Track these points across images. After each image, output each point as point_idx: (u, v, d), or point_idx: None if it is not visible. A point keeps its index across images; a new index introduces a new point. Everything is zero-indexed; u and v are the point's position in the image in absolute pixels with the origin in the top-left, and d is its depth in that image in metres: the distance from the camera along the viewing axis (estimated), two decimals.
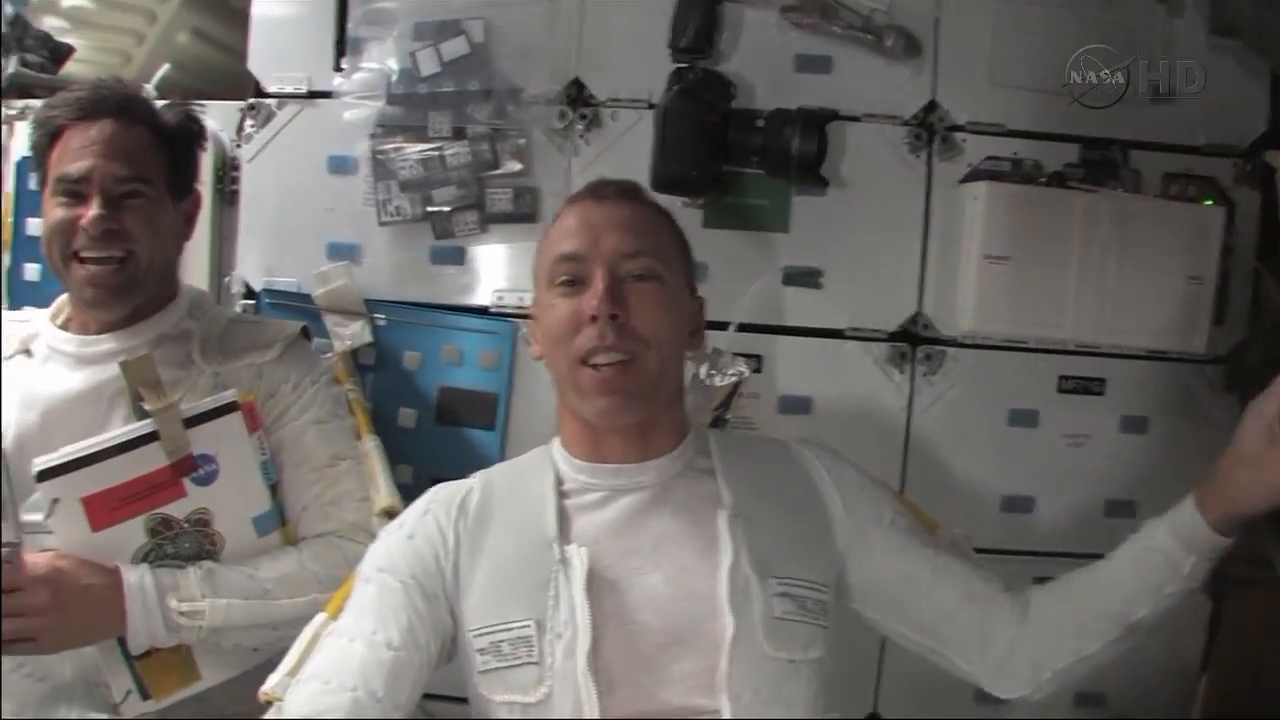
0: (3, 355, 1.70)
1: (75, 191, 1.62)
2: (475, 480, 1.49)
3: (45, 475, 1.45)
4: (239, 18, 2.14)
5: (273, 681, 1.34)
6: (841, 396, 1.97)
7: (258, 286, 2.08)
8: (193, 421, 1.53)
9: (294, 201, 2.07)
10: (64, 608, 1.44)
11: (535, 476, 1.46)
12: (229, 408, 1.56)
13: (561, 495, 1.43)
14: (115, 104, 1.67)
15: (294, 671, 1.34)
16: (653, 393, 1.39)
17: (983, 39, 1.96)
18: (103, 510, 1.48)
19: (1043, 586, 1.46)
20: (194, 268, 2.07)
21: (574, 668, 1.29)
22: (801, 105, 1.88)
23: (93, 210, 1.60)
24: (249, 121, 2.08)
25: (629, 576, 1.36)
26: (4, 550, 1.43)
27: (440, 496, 1.47)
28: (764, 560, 1.35)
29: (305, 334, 1.82)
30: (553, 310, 1.40)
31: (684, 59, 1.89)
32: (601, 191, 1.48)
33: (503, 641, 1.35)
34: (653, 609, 1.34)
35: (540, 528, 1.39)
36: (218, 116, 2.10)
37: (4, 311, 2.00)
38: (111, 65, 2.30)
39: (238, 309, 2.05)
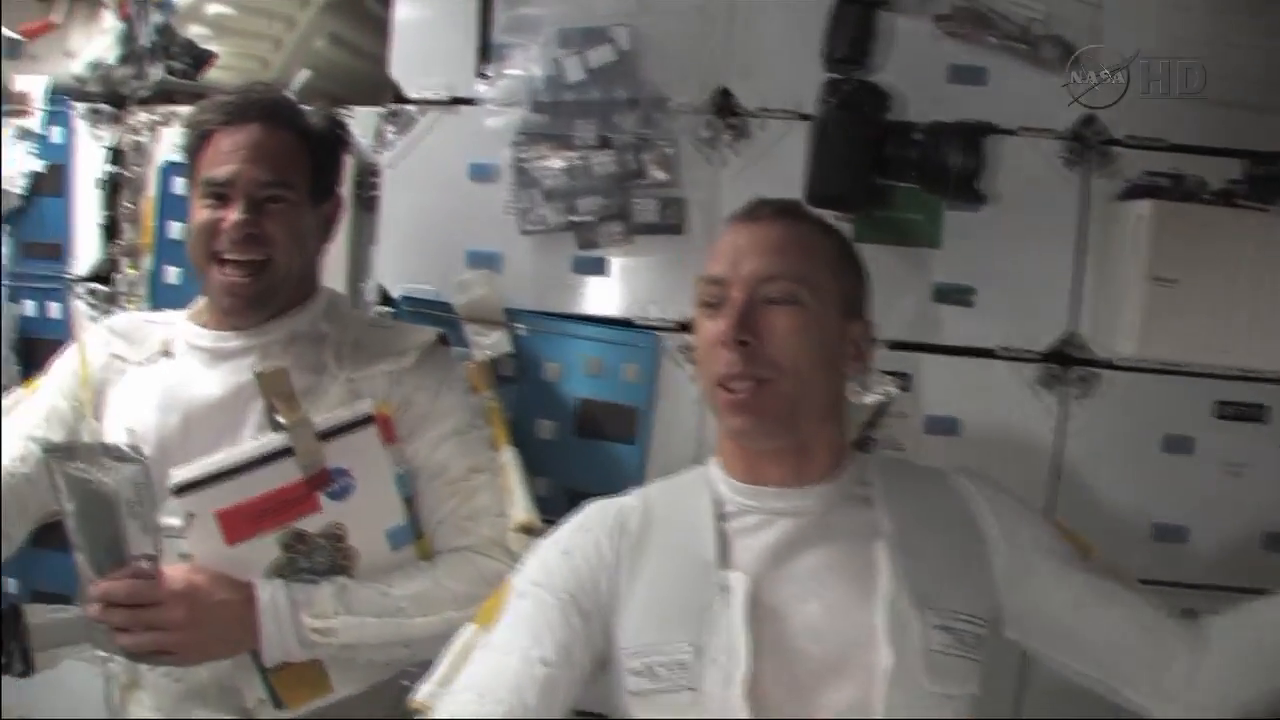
0: (144, 358, 1.73)
1: (220, 194, 1.64)
2: (634, 498, 1.49)
3: (182, 490, 1.47)
4: (376, 23, 2.16)
5: (424, 692, 1.34)
6: (990, 418, 1.93)
7: (395, 294, 2.08)
8: (328, 435, 1.53)
9: (434, 209, 2.07)
10: (200, 623, 1.45)
11: (694, 497, 1.45)
12: (365, 420, 1.56)
13: (720, 518, 1.42)
14: (262, 108, 1.68)
15: (445, 682, 1.35)
16: (789, 418, 1.38)
17: (1144, 48, 1.88)
18: (237, 525, 1.49)
19: (1222, 615, 1.42)
20: (332, 274, 2.07)
21: (731, 695, 1.29)
22: (959, 119, 1.85)
23: (235, 214, 1.62)
24: (389, 128, 2.08)
25: (788, 604, 1.35)
26: (144, 564, 1.45)
27: (599, 514, 1.47)
28: (923, 592, 1.34)
29: (442, 341, 1.80)
30: (699, 332, 1.42)
31: (839, 70, 1.85)
32: (755, 212, 1.47)
33: (658, 664, 1.34)
34: (810, 637, 1.33)
35: (700, 551, 1.39)
36: (358, 122, 2.10)
37: (145, 313, 2.03)
38: (250, 71, 2.33)
39: (374, 315, 2.05)
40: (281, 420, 1.52)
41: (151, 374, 1.71)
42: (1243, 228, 1.79)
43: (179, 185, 2.15)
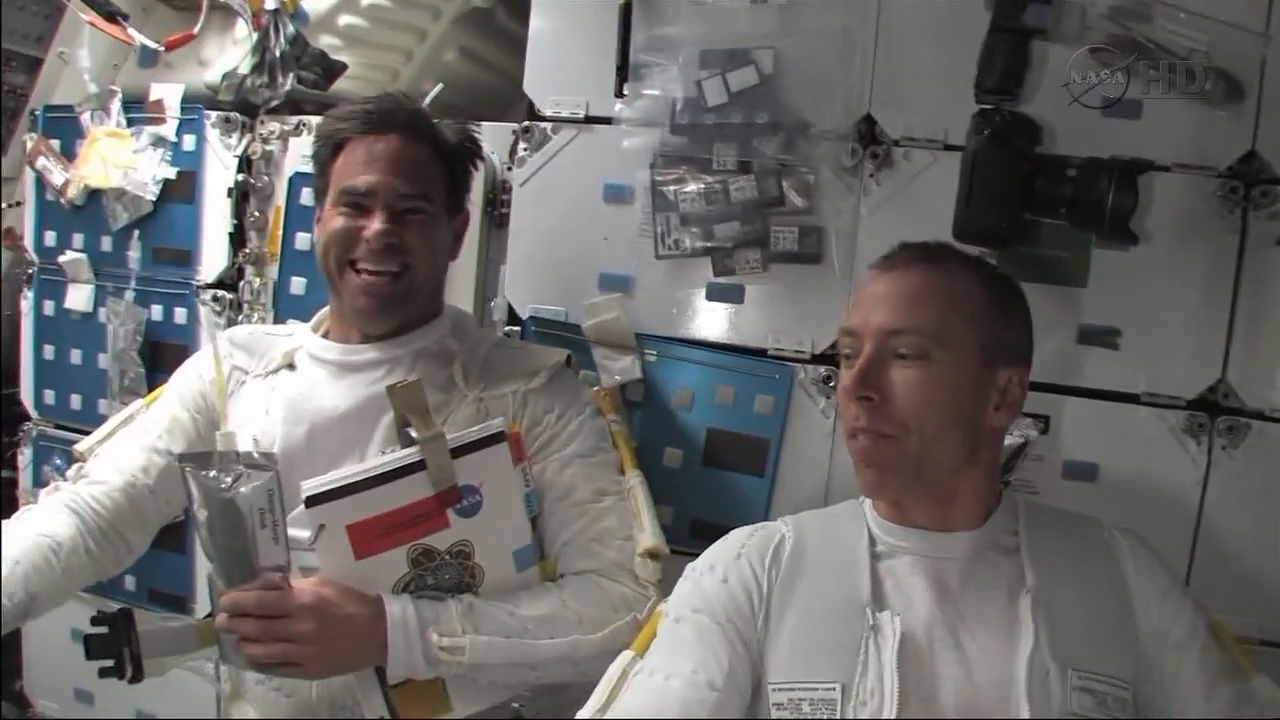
0: (264, 369, 1.75)
1: (359, 204, 1.65)
2: (785, 526, 1.50)
3: (313, 501, 1.47)
4: (508, 37, 2.18)
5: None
6: (1131, 466, 1.86)
7: (524, 313, 2.08)
8: (459, 451, 1.53)
9: (566, 228, 2.07)
10: (329, 637, 1.46)
11: (849, 532, 1.48)
12: (496, 438, 1.56)
13: (875, 557, 1.43)
14: (402, 120, 1.70)
15: (604, 709, 1.38)
16: (914, 474, 1.39)
17: None
18: (367, 538, 1.50)
19: None
20: (460, 290, 2.09)
21: None
22: (1114, 154, 1.77)
23: (377, 224, 1.64)
24: (522, 144, 2.08)
25: (933, 650, 1.36)
26: (274, 575, 1.46)
27: (753, 541, 1.49)
28: (1066, 650, 1.33)
29: (569, 363, 1.81)
30: (840, 380, 1.45)
31: (990, 100, 1.79)
32: (892, 260, 1.48)
33: (804, 700, 1.36)
34: (952, 687, 1.34)
35: (854, 589, 1.41)
36: (490, 138, 2.12)
37: (264, 325, 2.06)
38: (380, 83, 2.36)
39: (501, 334, 2.05)
40: (414, 434, 1.52)
41: (273, 385, 1.73)
42: None
43: (307, 196, 2.18)
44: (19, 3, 2.35)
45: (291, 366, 1.74)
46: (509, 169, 2.11)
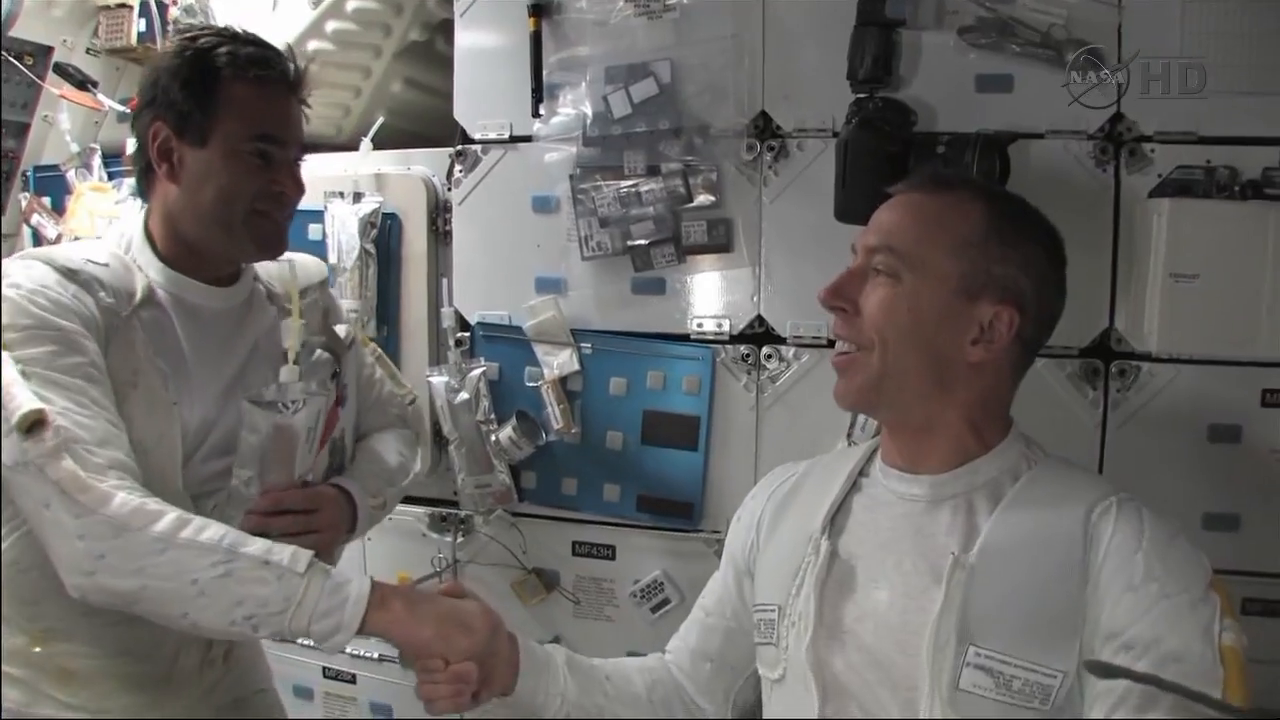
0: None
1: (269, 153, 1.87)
2: (801, 465, 1.74)
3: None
4: (447, 64, 2.44)
5: None
6: (1033, 415, 2.01)
7: (472, 319, 2.40)
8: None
9: (502, 239, 2.38)
10: (338, 521, 1.90)
11: (839, 468, 1.63)
12: (352, 344, 2.10)
13: (855, 489, 1.58)
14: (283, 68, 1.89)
15: None
16: (875, 390, 1.49)
17: (1169, 44, 2.01)
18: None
19: None
20: (414, 303, 2.42)
21: (797, 657, 1.48)
22: (981, 128, 2.01)
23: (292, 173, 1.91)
24: (458, 167, 2.39)
25: (862, 586, 1.48)
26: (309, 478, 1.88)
27: (766, 480, 1.78)
28: (973, 624, 1.36)
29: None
30: None
31: (864, 89, 2.04)
32: (902, 185, 1.58)
33: (762, 620, 1.60)
34: (870, 625, 1.45)
35: (814, 518, 1.56)
36: (430, 162, 2.45)
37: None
38: (333, 118, 2.65)
39: (452, 342, 2.37)
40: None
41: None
42: (1265, 222, 1.91)
43: None
44: (6, 75, 2.66)
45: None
46: (448, 190, 2.43)
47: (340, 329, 2.01)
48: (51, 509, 1.50)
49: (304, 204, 2.30)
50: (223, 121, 1.73)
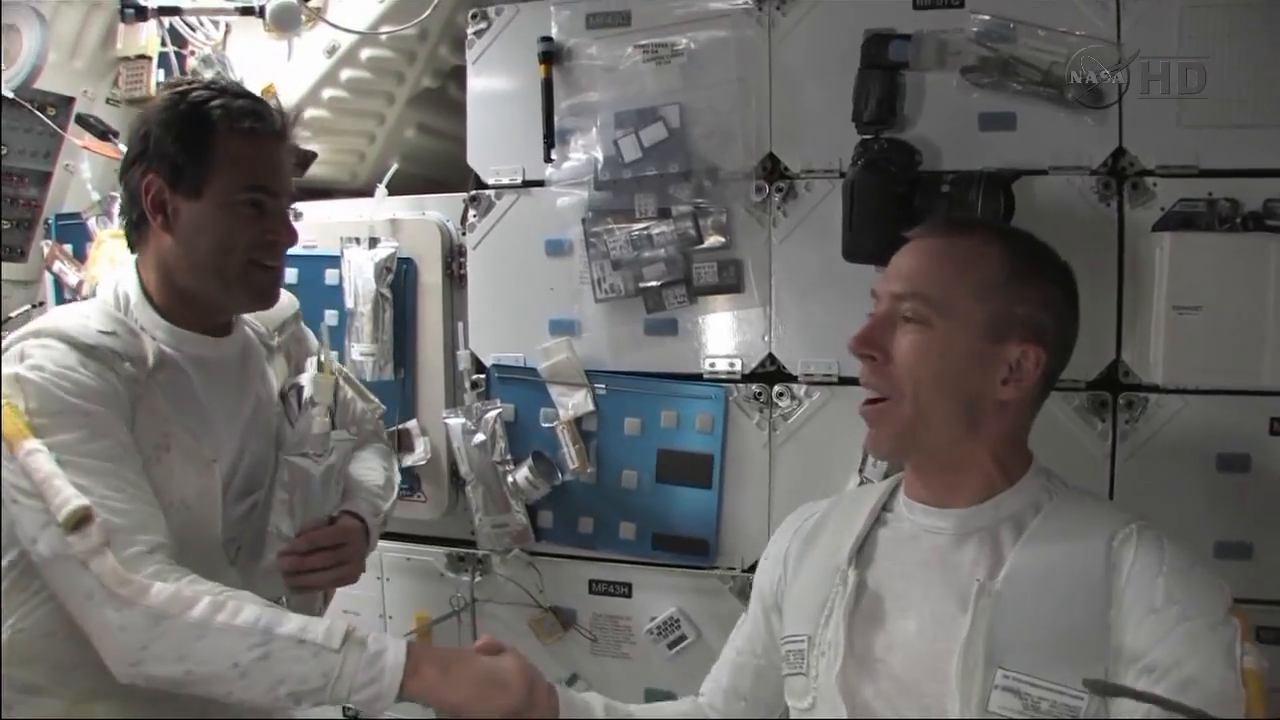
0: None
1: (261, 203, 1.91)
2: (825, 502, 1.76)
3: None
4: (459, 109, 2.51)
5: None
6: (1043, 449, 2.05)
7: (487, 361, 2.44)
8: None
9: (516, 282, 2.43)
10: (363, 550, 2.00)
11: (864, 502, 1.66)
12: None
13: (879, 524, 1.61)
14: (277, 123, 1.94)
15: None
16: (907, 437, 1.51)
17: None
18: None
19: None
20: (429, 345, 2.48)
21: (827, 685, 1.51)
22: (985, 166, 2.04)
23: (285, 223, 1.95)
24: (471, 211, 2.44)
25: (891, 616, 1.51)
26: (335, 515, 1.98)
27: (791, 518, 1.79)
28: (1000, 648, 1.38)
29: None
30: None
31: (869, 130, 2.09)
32: (921, 229, 1.59)
33: (791, 651, 1.62)
34: (899, 654, 1.47)
35: (842, 551, 1.59)
36: (444, 207, 2.51)
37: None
38: (348, 164, 2.71)
39: (468, 384, 2.43)
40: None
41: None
42: (1266, 251, 1.94)
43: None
44: (26, 125, 2.74)
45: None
46: (463, 234, 2.48)
47: (310, 361, 2.03)
48: (94, 601, 1.53)
49: (320, 249, 2.40)
50: (218, 173, 1.77)
